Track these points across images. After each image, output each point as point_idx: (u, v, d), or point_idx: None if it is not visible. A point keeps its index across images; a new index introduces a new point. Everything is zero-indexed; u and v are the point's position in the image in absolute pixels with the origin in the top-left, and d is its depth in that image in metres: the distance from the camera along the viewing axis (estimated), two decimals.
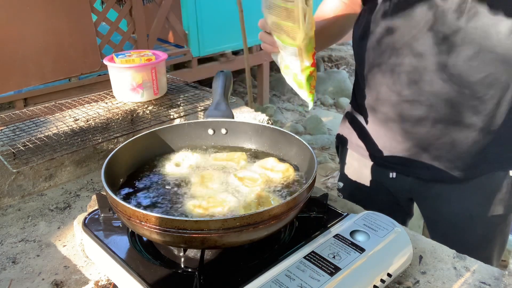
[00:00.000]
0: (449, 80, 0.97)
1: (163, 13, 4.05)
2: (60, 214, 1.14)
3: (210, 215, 0.76)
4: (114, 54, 1.40)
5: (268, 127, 0.99)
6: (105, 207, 0.87)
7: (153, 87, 1.39)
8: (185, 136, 1.01)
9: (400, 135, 1.10)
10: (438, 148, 1.07)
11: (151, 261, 0.76)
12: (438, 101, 1.00)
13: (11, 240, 1.03)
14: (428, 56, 0.97)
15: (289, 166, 0.90)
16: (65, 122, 1.27)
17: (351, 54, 6.93)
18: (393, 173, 1.18)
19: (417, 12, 0.96)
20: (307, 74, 0.96)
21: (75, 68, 3.42)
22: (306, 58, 0.94)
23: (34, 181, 1.24)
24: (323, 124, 4.74)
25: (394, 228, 0.82)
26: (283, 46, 0.95)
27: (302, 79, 0.97)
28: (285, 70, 1.00)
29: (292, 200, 0.71)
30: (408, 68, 1.00)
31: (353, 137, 1.25)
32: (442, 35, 0.94)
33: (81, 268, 0.93)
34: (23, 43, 3.08)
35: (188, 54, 4.35)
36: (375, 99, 1.11)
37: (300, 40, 0.90)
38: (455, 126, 1.03)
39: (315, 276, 0.69)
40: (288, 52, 0.94)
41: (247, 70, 3.95)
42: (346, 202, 1.05)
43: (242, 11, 3.58)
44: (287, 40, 0.92)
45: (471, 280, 0.81)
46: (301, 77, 0.97)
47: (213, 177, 0.88)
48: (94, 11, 3.46)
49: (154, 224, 0.67)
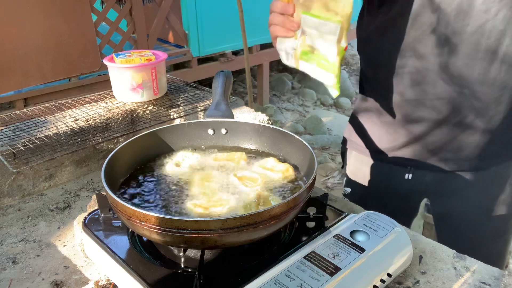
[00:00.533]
0: (450, 81, 0.98)
1: (163, 13, 4.05)
2: (60, 214, 1.14)
3: (210, 214, 0.76)
4: (114, 54, 1.40)
5: (268, 127, 0.99)
6: (105, 207, 0.87)
7: (153, 87, 1.39)
8: (185, 136, 1.01)
9: (405, 136, 1.10)
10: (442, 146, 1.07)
11: (151, 261, 0.76)
12: (441, 102, 1.01)
13: (11, 240, 1.03)
14: (430, 57, 0.97)
15: (289, 166, 0.90)
16: (65, 122, 1.27)
17: (351, 54, 6.93)
18: (409, 174, 1.17)
19: (420, 14, 0.96)
20: (341, 56, 0.87)
21: (75, 68, 3.43)
22: (344, 38, 0.86)
23: (34, 181, 1.24)
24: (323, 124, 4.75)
25: (394, 228, 0.82)
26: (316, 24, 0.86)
27: (336, 62, 0.88)
28: (304, 55, 0.92)
29: (292, 200, 0.71)
30: (411, 69, 1.00)
31: (362, 141, 1.23)
32: (444, 37, 0.94)
33: (81, 268, 0.93)
34: (23, 43, 3.08)
35: (188, 54, 4.35)
36: (382, 101, 1.11)
37: (346, 16, 0.82)
38: (458, 127, 1.03)
39: (315, 276, 0.69)
40: (325, 30, 0.85)
41: (247, 70, 3.95)
42: (346, 202, 1.05)
43: (242, 11, 3.59)
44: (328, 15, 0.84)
45: (471, 280, 0.81)
46: (335, 59, 0.87)
47: (213, 177, 0.88)
48: (94, 11, 3.46)
49: (154, 224, 0.67)
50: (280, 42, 0.96)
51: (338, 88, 0.91)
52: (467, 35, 0.92)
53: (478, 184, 1.12)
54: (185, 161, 0.94)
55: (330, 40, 0.86)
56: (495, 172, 1.11)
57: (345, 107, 5.49)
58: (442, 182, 1.15)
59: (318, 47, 0.89)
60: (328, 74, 0.90)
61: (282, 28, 0.93)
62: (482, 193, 1.13)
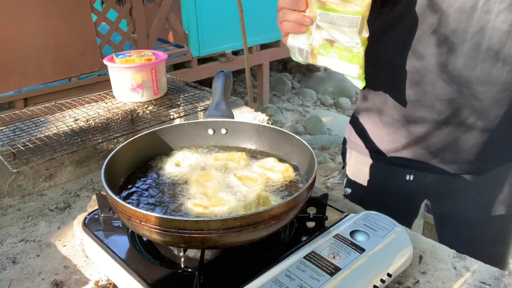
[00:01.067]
0: (450, 81, 0.98)
1: (163, 13, 4.05)
2: (60, 214, 1.14)
3: (210, 214, 0.76)
4: (114, 54, 1.40)
5: (268, 127, 0.99)
6: (105, 207, 0.87)
7: (153, 87, 1.39)
8: (185, 136, 1.01)
9: (405, 136, 1.10)
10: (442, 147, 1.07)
11: (151, 261, 0.76)
12: (441, 102, 1.01)
13: (11, 240, 1.03)
14: (430, 57, 0.97)
15: (288, 166, 0.90)
16: (65, 122, 1.27)
17: None
18: (410, 176, 1.17)
19: (422, 15, 0.96)
20: (365, 46, 0.86)
21: (75, 68, 3.43)
22: (365, 28, 0.84)
23: (34, 181, 1.24)
24: (323, 124, 4.75)
25: (394, 228, 0.82)
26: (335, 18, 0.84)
27: (361, 52, 0.86)
28: (323, 49, 0.90)
29: (292, 200, 0.71)
30: (410, 69, 1.01)
31: (363, 141, 1.23)
32: (444, 38, 0.94)
33: (81, 268, 0.93)
34: (23, 43, 3.09)
35: (188, 54, 4.35)
36: (382, 101, 1.11)
37: (367, 6, 0.81)
38: (459, 128, 1.03)
39: (315, 276, 0.69)
40: (345, 22, 0.83)
41: (247, 70, 3.95)
42: (346, 202, 1.05)
43: (242, 11, 3.59)
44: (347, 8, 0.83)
45: (471, 280, 0.81)
46: (359, 49, 0.86)
47: (213, 177, 0.88)
48: (94, 11, 3.46)
49: (154, 224, 0.67)
50: (292, 38, 0.94)
51: (363, 79, 0.90)
52: (468, 36, 0.92)
53: (478, 185, 1.12)
54: (185, 161, 0.94)
55: (351, 32, 0.85)
56: (496, 173, 1.11)
57: (345, 107, 5.49)
58: (443, 183, 1.15)
59: (339, 40, 0.87)
60: (352, 66, 0.88)
61: (295, 24, 0.90)
62: (483, 194, 1.13)
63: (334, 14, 0.84)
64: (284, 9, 0.90)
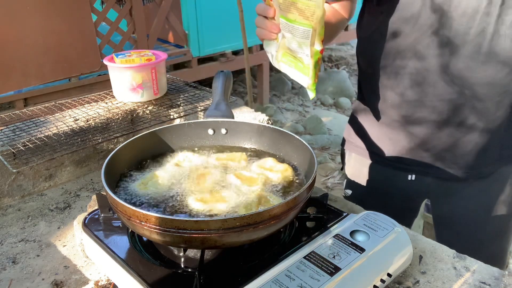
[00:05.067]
0: (451, 82, 0.98)
1: (163, 13, 4.04)
2: (60, 214, 1.14)
3: (211, 213, 0.76)
4: (114, 54, 1.40)
5: (268, 127, 0.99)
6: (105, 207, 0.87)
7: (153, 87, 1.39)
8: (185, 136, 1.01)
9: (405, 137, 1.10)
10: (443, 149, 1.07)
11: (151, 261, 0.76)
12: (442, 103, 1.01)
13: (11, 240, 1.03)
14: (431, 58, 0.97)
15: (288, 166, 0.91)
16: (65, 122, 1.26)
17: (351, 54, 6.93)
18: (411, 176, 1.16)
19: (421, 15, 0.96)
20: (316, 59, 0.90)
21: (75, 68, 3.42)
22: (318, 41, 0.87)
23: (34, 181, 1.24)
24: (323, 124, 4.74)
25: (394, 228, 0.82)
26: (291, 28, 0.88)
27: (310, 64, 0.90)
28: (284, 58, 0.95)
29: (292, 200, 0.71)
30: (411, 70, 1.00)
31: (362, 142, 1.23)
32: (446, 39, 0.94)
33: (81, 268, 0.93)
34: (23, 43, 3.08)
35: (188, 54, 4.35)
36: (382, 102, 1.11)
37: (317, 19, 0.84)
38: (459, 127, 1.03)
39: (315, 276, 0.69)
40: (298, 34, 0.87)
41: (247, 70, 3.95)
42: (346, 202, 1.05)
43: (242, 11, 3.58)
44: (300, 20, 0.86)
45: (471, 280, 0.81)
46: (309, 61, 0.90)
47: (213, 177, 0.88)
48: (94, 11, 3.46)
49: (154, 224, 0.67)
50: (265, 44, 0.99)
51: (313, 90, 0.93)
52: (470, 38, 0.92)
53: (478, 185, 1.12)
54: (185, 161, 0.94)
55: (303, 43, 0.88)
56: (496, 174, 1.11)
57: (345, 107, 5.49)
58: (443, 184, 1.15)
59: (295, 50, 0.91)
60: (304, 76, 0.93)
61: (265, 30, 0.94)
62: (483, 194, 1.13)
63: (291, 24, 0.88)
64: (259, 16, 0.94)
